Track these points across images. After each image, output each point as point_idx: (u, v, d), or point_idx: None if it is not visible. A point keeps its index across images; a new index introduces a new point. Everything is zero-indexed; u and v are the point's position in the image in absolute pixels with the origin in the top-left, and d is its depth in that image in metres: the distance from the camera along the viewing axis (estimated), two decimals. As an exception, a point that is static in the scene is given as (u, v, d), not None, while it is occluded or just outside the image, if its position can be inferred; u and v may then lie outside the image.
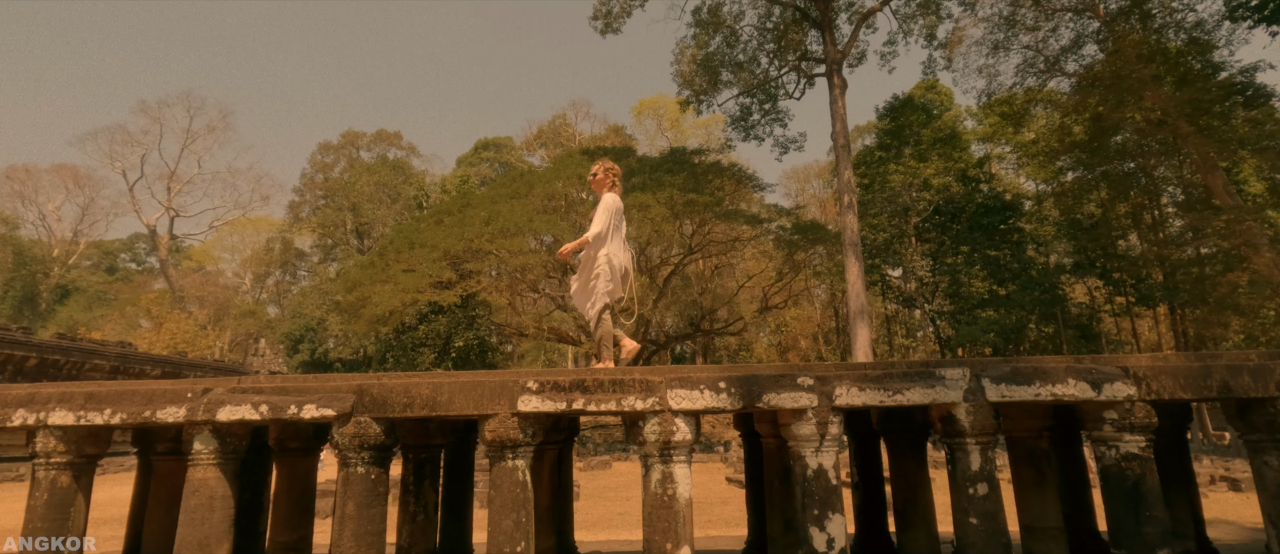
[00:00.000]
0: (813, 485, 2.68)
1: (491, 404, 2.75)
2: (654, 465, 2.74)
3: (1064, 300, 27.98)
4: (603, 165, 4.22)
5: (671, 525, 2.65)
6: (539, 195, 24.77)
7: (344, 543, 2.68)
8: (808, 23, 25.10)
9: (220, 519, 2.74)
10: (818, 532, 2.62)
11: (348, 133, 48.61)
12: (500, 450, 2.76)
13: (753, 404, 2.72)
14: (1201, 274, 21.32)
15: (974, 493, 2.65)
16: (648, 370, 2.83)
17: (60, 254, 40.63)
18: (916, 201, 29.40)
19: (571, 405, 2.74)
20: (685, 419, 2.73)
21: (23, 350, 18.51)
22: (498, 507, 2.72)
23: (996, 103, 26.30)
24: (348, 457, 2.77)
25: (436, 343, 27.95)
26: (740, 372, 2.79)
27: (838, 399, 2.71)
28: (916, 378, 2.73)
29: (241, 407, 2.74)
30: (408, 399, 2.77)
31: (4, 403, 2.78)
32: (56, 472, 2.77)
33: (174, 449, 3.46)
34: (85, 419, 2.74)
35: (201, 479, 2.75)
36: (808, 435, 2.70)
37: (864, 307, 21.01)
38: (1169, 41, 20.07)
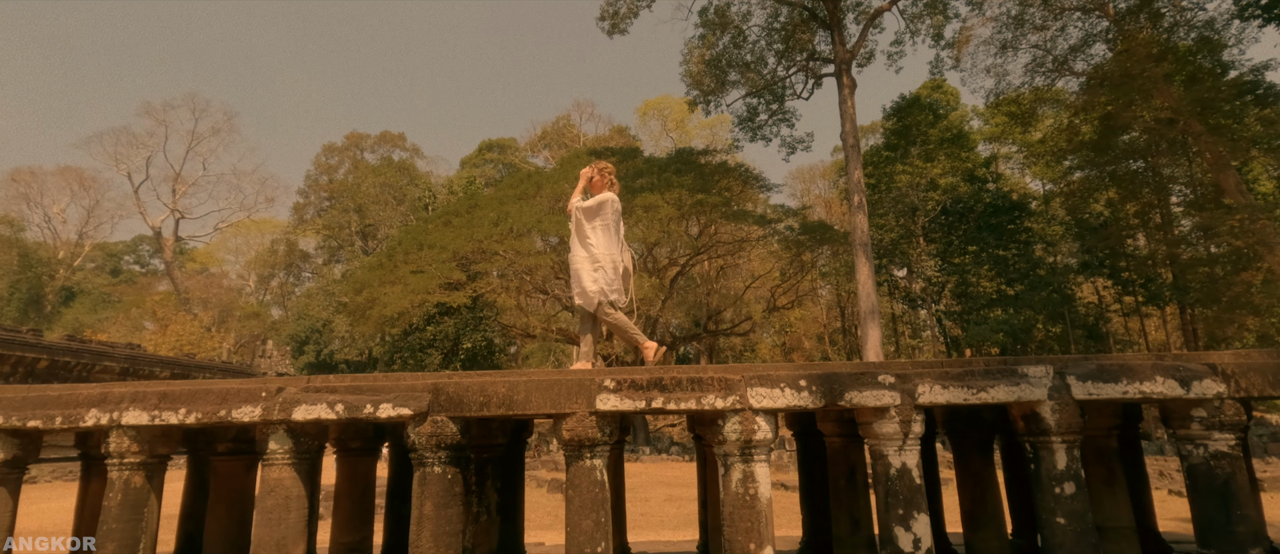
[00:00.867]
0: (897, 485, 2.65)
1: (569, 403, 2.72)
2: (733, 465, 2.71)
3: (1073, 300, 27.96)
4: (595, 166, 4.14)
5: (754, 525, 2.62)
6: (547, 196, 24.76)
7: (422, 543, 2.65)
8: (815, 22, 25.09)
9: (296, 519, 2.71)
10: (903, 532, 2.59)
11: (352, 134, 48.65)
12: (578, 449, 2.73)
13: (834, 402, 2.69)
14: (1212, 274, 21.29)
15: (1060, 492, 2.62)
16: (726, 368, 2.80)
17: (65, 256, 40.62)
18: (924, 201, 29.38)
19: (650, 404, 2.72)
20: (766, 417, 2.70)
21: (34, 352, 18.49)
22: (577, 507, 2.69)
23: (1004, 102, 26.30)
24: (424, 456, 2.74)
25: (444, 344, 27.92)
26: (819, 369, 2.77)
27: (920, 397, 2.68)
28: (999, 375, 2.70)
29: (317, 406, 2.72)
30: (484, 398, 2.74)
31: (76, 403, 2.75)
32: (130, 472, 2.73)
33: (235, 449, 3.43)
34: (160, 419, 2.71)
35: (277, 479, 2.73)
36: (890, 434, 2.68)
37: (875, 307, 20.98)
38: (1179, 40, 20.06)
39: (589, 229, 3.94)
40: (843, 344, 40.11)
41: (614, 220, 4.05)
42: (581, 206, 3.96)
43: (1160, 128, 21.59)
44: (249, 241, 49.70)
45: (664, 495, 12.09)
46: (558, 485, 13.06)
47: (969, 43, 24.94)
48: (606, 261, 3.88)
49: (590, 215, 3.95)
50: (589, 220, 3.95)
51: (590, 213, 3.95)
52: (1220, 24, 20.27)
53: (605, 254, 3.91)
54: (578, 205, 3.98)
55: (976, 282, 28.56)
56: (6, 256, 36.53)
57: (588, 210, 3.95)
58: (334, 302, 38.45)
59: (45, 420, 2.71)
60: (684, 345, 36.59)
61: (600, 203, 4.00)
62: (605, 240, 3.95)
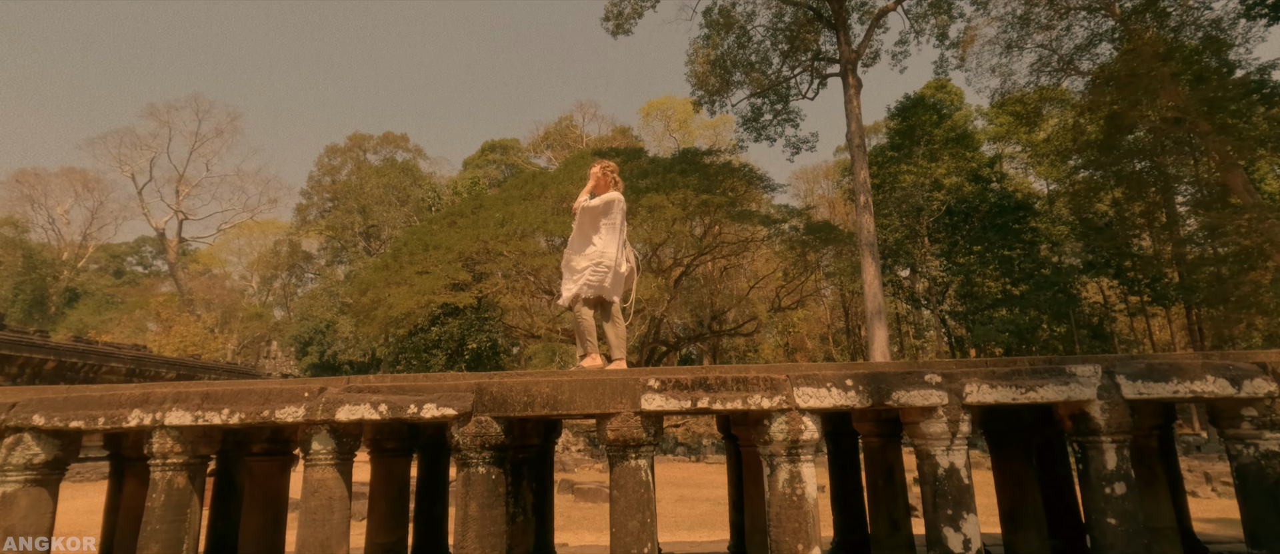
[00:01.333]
0: (945, 485, 2.63)
1: (614, 403, 2.71)
2: (780, 465, 2.69)
3: (1078, 300, 27.92)
4: (600, 165, 4.13)
5: (802, 526, 2.60)
6: (552, 196, 24.76)
7: (468, 544, 2.64)
8: (820, 22, 25.06)
9: (339, 520, 2.69)
10: (953, 532, 2.58)
11: (354, 135, 48.65)
12: (623, 450, 2.72)
13: (881, 402, 2.68)
14: (1219, 273, 21.25)
15: (1110, 492, 2.60)
16: (770, 368, 2.79)
17: (69, 257, 40.64)
18: (929, 201, 29.36)
19: (695, 404, 2.70)
20: (812, 417, 2.69)
21: (41, 353, 18.49)
22: (622, 507, 2.68)
23: (1009, 102, 26.28)
24: (468, 457, 2.73)
25: (449, 345, 27.91)
26: (865, 368, 2.75)
27: (968, 396, 2.66)
28: (1047, 375, 2.68)
29: (360, 406, 2.70)
30: (528, 398, 2.73)
31: (119, 403, 2.74)
32: (173, 472, 2.72)
33: (270, 450, 3.42)
34: (203, 419, 2.70)
35: (320, 480, 2.71)
36: (938, 434, 2.66)
37: (881, 307, 20.96)
38: (1186, 40, 20.03)
39: (592, 228, 3.92)
40: (846, 344, 40.07)
41: (619, 221, 4.02)
42: (587, 205, 3.94)
43: (1166, 127, 21.57)
44: (252, 243, 49.73)
45: (674, 496, 12.07)
46: (567, 486, 13.03)
47: (974, 42, 24.91)
48: (606, 261, 3.86)
49: (596, 215, 3.94)
50: (594, 220, 3.93)
51: (596, 212, 3.93)
52: (1226, 23, 20.25)
53: (605, 253, 3.89)
54: (584, 204, 3.95)
55: (982, 282, 28.53)
56: (11, 258, 36.56)
57: (593, 209, 3.93)
58: (338, 302, 38.46)
59: (88, 421, 2.70)
60: (687, 346, 36.57)
61: (608, 202, 3.98)
62: (608, 240, 3.93)
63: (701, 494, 12.35)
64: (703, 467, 19.00)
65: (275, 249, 48.16)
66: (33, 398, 2.76)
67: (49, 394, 2.78)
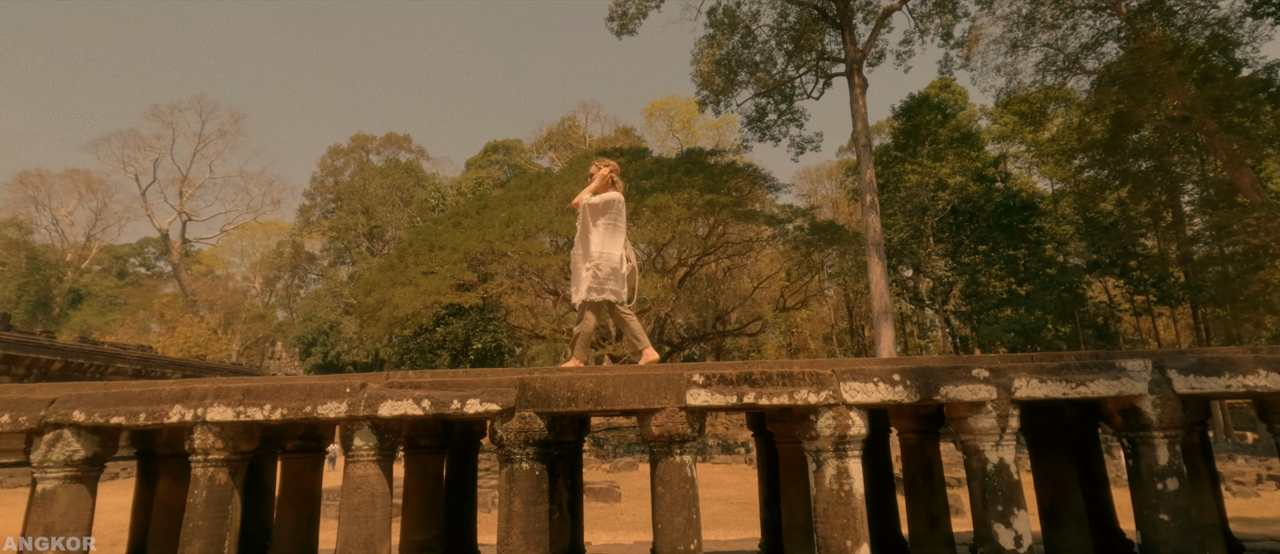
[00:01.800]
0: (994, 481, 2.61)
1: (658, 398, 2.68)
2: (827, 461, 2.66)
3: (1084, 300, 27.88)
4: (603, 164, 4.14)
5: (850, 522, 2.58)
6: (556, 197, 24.76)
7: (512, 541, 2.61)
8: (825, 22, 25.04)
9: (382, 516, 2.67)
10: (1003, 529, 2.55)
11: (357, 136, 48.67)
12: (667, 445, 2.69)
13: (929, 397, 2.65)
14: (1227, 273, 21.21)
15: (1163, 489, 2.57)
16: (817, 362, 2.76)
17: (73, 259, 40.66)
18: (934, 201, 29.32)
19: (741, 399, 2.68)
20: (859, 413, 2.66)
21: (48, 354, 18.49)
22: (667, 504, 2.65)
23: (1013, 101, 26.24)
24: (512, 453, 2.70)
25: (454, 345, 27.89)
26: (913, 363, 2.72)
27: (1017, 391, 2.64)
28: (1097, 369, 2.66)
29: (403, 402, 2.68)
30: (572, 393, 2.70)
31: (159, 399, 2.72)
32: (214, 468, 2.70)
33: (303, 447, 3.39)
34: (245, 415, 2.68)
35: (362, 476, 2.69)
36: (986, 429, 2.63)
37: (888, 306, 20.92)
38: (1193, 38, 20.00)
39: (593, 227, 3.93)
40: (850, 344, 40.01)
41: (619, 220, 4.02)
42: (589, 202, 3.94)
43: (1173, 126, 21.53)
44: (255, 244, 49.75)
45: (686, 496, 12.03)
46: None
47: (979, 42, 24.88)
48: (606, 261, 3.86)
49: (596, 213, 3.93)
50: (594, 219, 3.93)
51: (597, 211, 3.93)
52: (1233, 21, 20.22)
53: (604, 254, 3.89)
54: (586, 201, 3.95)
55: (987, 281, 28.49)
56: (15, 259, 36.57)
57: (594, 207, 3.93)
58: (341, 303, 38.45)
59: (129, 417, 2.68)
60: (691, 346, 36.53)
61: (608, 202, 3.99)
62: (608, 240, 3.93)
63: (711, 494, 12.32)
64: (709, 467, 18.96)
65: (278, 250, 48.18)
66: (72, 394, 2.74)
67: (88, 391, 2.76)
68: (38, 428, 2.67)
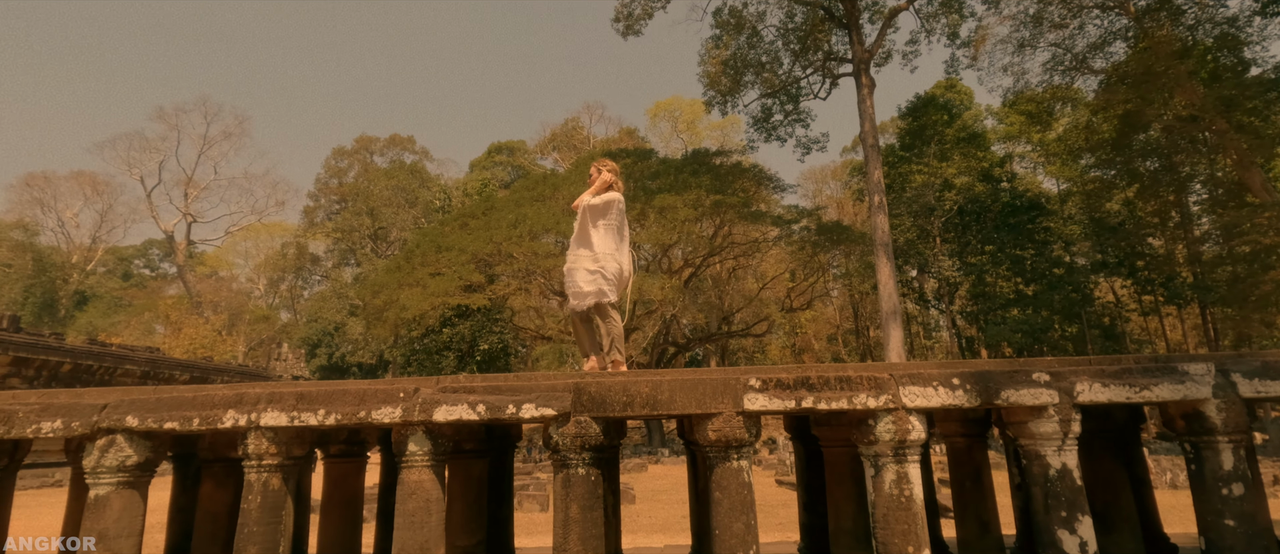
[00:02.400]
0: (1057, 486, 2.58)
1: (714, 403, 2.66)
2: (886, 466, 2.64)
3: (1092, 300, 27.83)
4: (601, 165, 4.11)
5: (911, 527, 2.55)
6: (563, 198, 24.78)
7: (570, 546, 2.59)
8: (832, 22, 25.01)
9: (437, 522, 2.65)
10: (1068, 535, 2.52)
11: (361, 138, 48.69)
12: (724, 450, 2.67)
13: (990, 401, 2.62)
14: (1237, 273, 21.15)
15: (1228, 494, 2.55)
16: (872, 367, 2.74)
17: (78, 260, 40.72)
18: (941, 201, 29.28)
19: (799, 403, 2.65)
20: (919, 417, 2.64)
21: (57, 356, 18.50)
22: (725, 510, 2.63)
23: (1020, 101, 26.20)
24: (568, 458, 2.68)
25: (460, 346, 27.89)
26: (972, 367, 2.70)
27: (1079, 395, 2.61)
28: (1160, 373, 2.63)
29: (458, 406, 2.66)
30: (627, 398, 2.68)
31: (212, 404, 2.70)
32: (268, 473, 2.68)
33: (346, 451, 3.38)
34: (299, 420, 2.66)
35: (417, 481, 2.67)
36: (1048, 433, 2.61)
37: (897, 307, 20.89)
38: (1203, 37, 19.95)
39: (593, 228, 3.88)
40: (855, 345, 39.96)
41: (618, 222, 3.97)
42: (589, 203, 3.90)
43: (1181, 125, 21.48)
44: (258, 245, 49.79)
45: (699, 497, 12.01)
46: (590, 488, 12.98)
47: (986, 42, 24.84)
48: (608, 263, 3.82)
49: (597, 214, 3.89)
50: (595, 220, 3.88)
51: (597, 212, 3.90)
52: (1242, 20, 20.17)
53: (607, 255, 3.84)
54: (586, 203, 3.90)
55: (994, 282, 28.43)
56: (21, 261, 36.64)
57: (594, 208, 3.90)
58: (347, 304, 38.47)
59: (182, 422, 2.66)
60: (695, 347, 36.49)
61: (608, 203, 3.95)
62: (607, 241, 3.89)
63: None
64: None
65: (282, 251, 48.23)
66: (124, 399, 2.72)
67: (141, 395, 2.74)
68: (90, 433, 2.65)
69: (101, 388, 2.91)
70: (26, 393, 2.85)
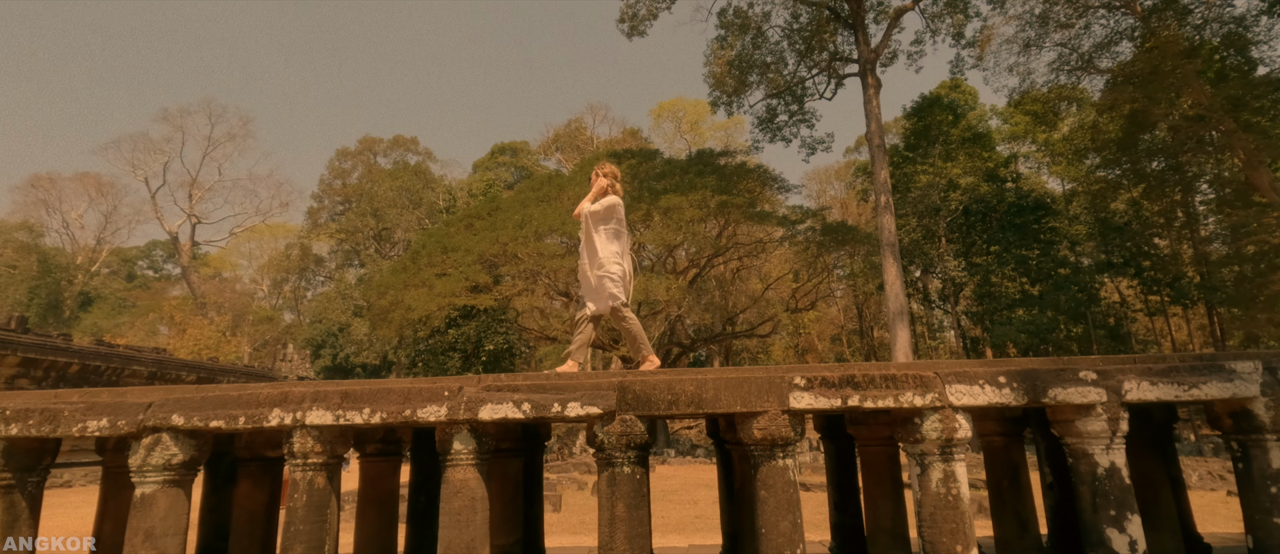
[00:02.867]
0: (1106, 485, 2.57)
1: (760, 401, 2.65)
2: (933, 464, 2.63)
3: (1098, 300, 27.78)
4: (599, 169, 4.16)
5: (958, 526, 2.55)
6: (568, 198, 24.80)
7: (616, 545, 2.59)
8: (838, 22, 24.99)
9: (482, 521, 2.65)
10: (1117, 534, 2.52)
11: (365, 138, 48.77)
12: (769, 449, 2.66)
13: (1037, 399, 2.62)
14: (1244, 273, 21.11)
15: (1277, 491, 2.54)
16: (917, 365, 2.73)
17: (83, 261, 40.79)
18: (946, 201, 29.26)
19: (845, 402, 2.65)
20: (965, 415, 2.63)
21: (65, 357, 18.53)
22: (771, 508, 2.62)
23: (1026, 101, 26.16)
24: (613, 456, 2.68)
25: (465, 347, 27.90)
26: (1019, 366, 2.69)
27: (1127, 394, 2.60)
28: (1207, 371, 2.62)
29: (503, 405, 2.66)
30: (672, 397, 2.68)
31: (258, 403, 2.70)
32: (313, 472, 2.68)
33: (383, 450, 3.38)
34: (344, 418, 2.66)
35: (462, 480, 2.66)
36: (1096, 432, 2.60)
37: (904, 307, 20.86)
38: (1211, 36, 19.91)
39: (595, 234, 3.94)
40: (859, 345, 39.91)
41: (619, 225, 4.04)
42: (590, 211, 3.96)
43: (1188, 125, 21.45)
44: (262, 246, 49.86)
45: (710, 498, 11.99)
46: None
47: (991, 41, 24.80)
48: (613, 266, 3.88)
49: (598, 220, 3.95)
50: (597, 225, 3.94)
51: (598, 218, 3.95)
52: (1249, 20, 20.13)
53: (612, 259, 3.90)
54: (587, 211, 3.96)
55: (999, 282, 28.38)
56: (26, 262, 36.72)
57: (595, 214, 3.95)
58: (351, 305, 38.49)
59: (227, 421, 2.66)
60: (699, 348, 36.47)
61: (609, 208, 4.00)
62: (609, 245, 3.95)
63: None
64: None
65: (286, 252, 48.28)
66: (169, 398, 2.72)
67: (186, 394, 2.74)
68: (136, 432, 2.65)
69: (141, 387, 2.92)
70: (69, 392, 2.85)
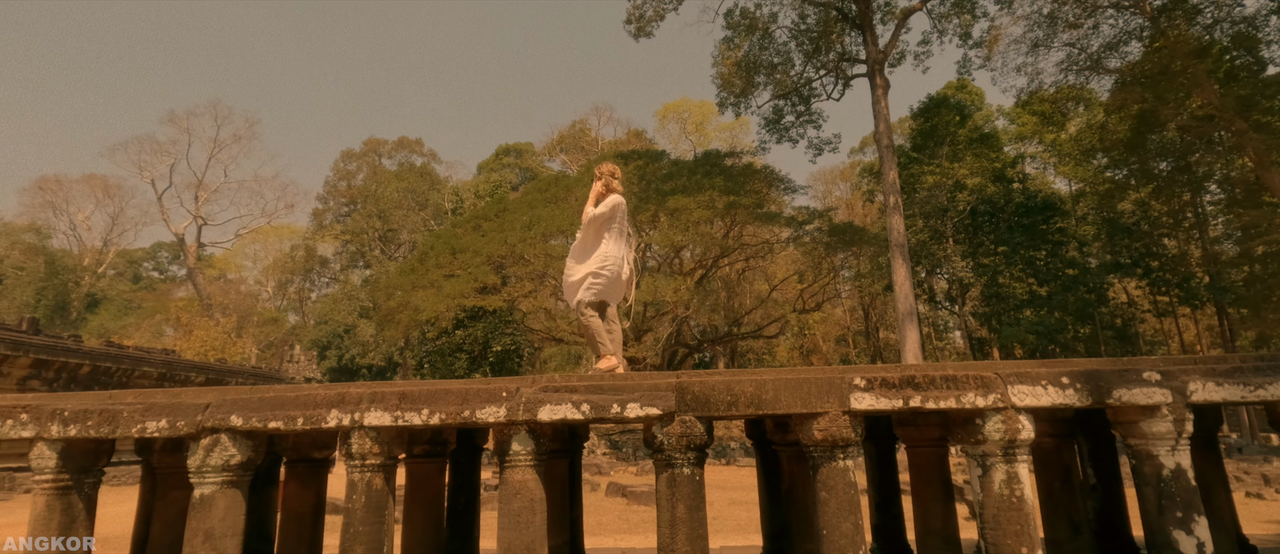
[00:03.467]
0: (1172, 486, 2.56)
1: (820, 402, 2.64)
2: (995, 465, 2.62)
3: (1107, 301, 27.70)
4: (598, 171, 4.20)
5: (1023, 528, 2.53)
6: (575, 199, 24.82)
7: (677, 546, 2.57)
8: (845, 23, 24.98)
9: (541, 522, 2.64)
10: (1184, 536, 2.50)
11: (370, 140, 48.85)
12: (830, 450, 2.65)
13: (1101, 400, 2.60)
14: (1254, 273, 21.03)
15: (1346, 492, 2.51)
16: (978, 365, 2.72)
17: (90, 263, 40.90)
18: (953, 202, 29.20)
19: (906, 402, 2.63)
20: (1027, 416, 2.62)
21: (76, 358, 18.56)
22: (832, 510, 2.61)
23: (1034, 101, 26.11)
24: (673, 458, 2.67)
25: (473, 348, 27.92)
26: (1082, 366, 2.68)
27: (1192, 395, 2.59)
28: (1272, 372, 2.60)
29: (562, 406, 2.65)
30: (731, 397, 2.67)
31: (315, 404, 2.69)
32: (371, 473, 2.67)
33: (429, 452, 3.37)
34: (402, 419, 2.65)
35: (521, 481, 2.65)
36: (1161, 433, 2.58)
37: (913, 309, 20.79)
38: (1222, 36, 19.86)
39: (598, 236, 3.98)
40: (865, 347, 39.83)
41: (620, 225, 4.07)
42: (594, 215, 3.99)
43: (1197, 125, 21.39)
44: (267, 247, 49.95)
45: (726, 500, 11.97)
46: (616, 489, 12.96)
47: (999, 42, 24.76)
48: (610, 266, 3.89)
49: (601, 223, 3.98)
50: (599, 228, 3.98)
51: (603, 220, 3.97)
52: (1259, 20, 20.07)
53: (609, 256, 3.92)
54: (591, 214, 4.00)
55: (1007, 283, 28.31)
56: (33, 264, 36.83)
57: (599, 218, 3.97)
58: (356, 306, 38.53)
59: (286, 422, 2.65)
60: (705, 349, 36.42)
61: (612, 208, 4.03)
62: (611, 244, 3.96)
63: (750, 496, 12.25)
64: (735, 469, 18.87)
65: (291, 254, 48.36)
66: (227, 399, 2.72)
67: (242, 395, 2.74)
68: (195, 432, 2.65)
69: (195, 388, 2.91)
70: (123, 393, 2.85)
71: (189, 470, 2.64)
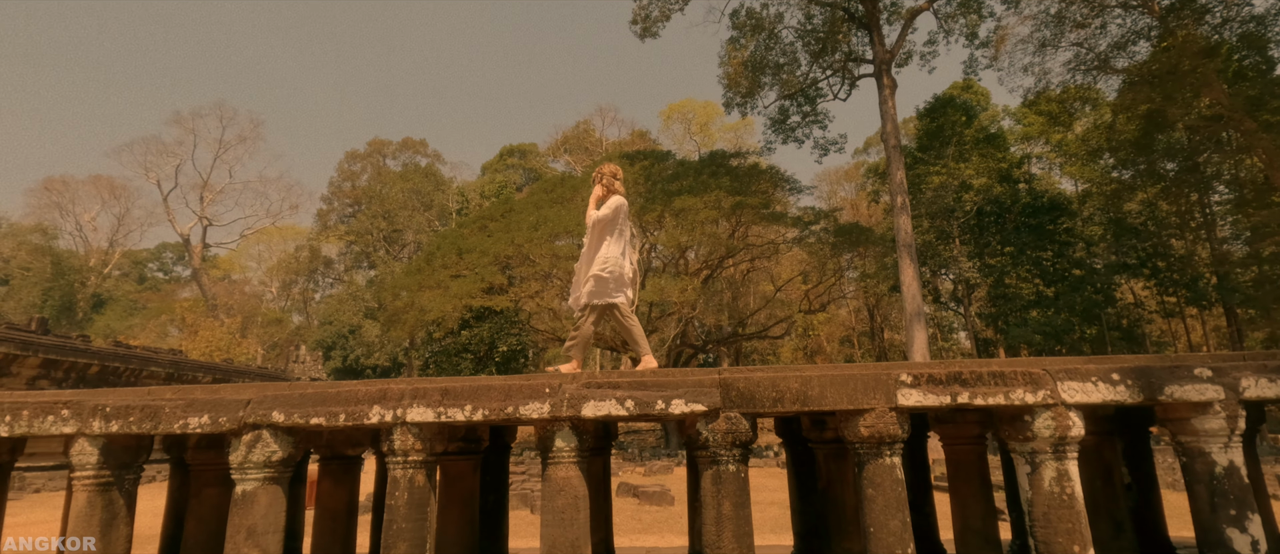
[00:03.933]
0: (1225, 484, 2.52)
1: (866, 399, 2.61)
2: (1045, 463, 2.59)
3: (1114, 301, 27.60)
4: (599, 172, 4.20)
5: (1075, 526, 2.50)
6: (581, 200, 24.78)
7: (724, 544, 2.55)
8: (852, 23, 24.92)
9: (584, 519, 2.61)
10: (1238, 533, 2.47)
11: (374, 141, 48.93)
12: (876, 447, 2.62)
13: (1152, 397, 2.57)
14: (1264, 273, 20.93)
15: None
16: (1027, 362, 2.69)
17: (96, 264, 41.01)
18: (960, 202, 29.13)
19: (954, 399, 2.61)
20: (1077, 413, 2.59)
21: (85, 358, 18.60)
22: (879, 507, 2.58)
23: (1041, 101, 26.04)
24: (718, 454, 2.64)
25: (479, 348, 27.91)
26: (1132, 363, 2.65)
27: (1245, 391, 2.56)
28: (1326, 368, 2.57)
29: (606, 402, 2.62)
30: (777, 394, 2.64)
31: (357, 400, 2.67)
32: (413, 470, 2.65)
33: (464, 449, 3.35)
34: (445, 415, 2.63)
35: (564, 478, 2.63)
36: (1214, 430, 2.55)
37: (920, 309, 20.76)
38: (1231, 35, 19.78)
39: (601, 238, 3.98)
40: (870, 347, 39.75)
41: (623, 225, 4.07)
42: (597, 217, 3.99)
43: (1206, 125, 21.30)
44: (271, 248, 50.03)
45: (737, 499, 11.90)
46: (627, 489, 12.93)
47: (1006, 42, 24.69)
48: (611, 266, 3.89)
49: (604, 225, 3.98)
50: (603, 230, 3.98)
51: (607, 222, 3.98)
52: (1268, 20, 19.99)
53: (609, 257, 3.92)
54: (594, 217, 4.00)
55: (1014, 283, 28.23)
56: (40, 264, 36.94)
57: (602, 221, 3.98)
58: (361, 307, 38.56)
59: (329, 418, 2.63)
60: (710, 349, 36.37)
61: (615, 209, 4.03)
62: (613, 245, 3.97)
63: (762, 497, 12.20)
64: (754, 469, 18.81)
65: (295, 254, 48.44)
66: (268, 395, 2.70)
67: (283, 392, 2.72)
68: (236, 429, 2.63)
69: (235, 384, 2.90)
70: (162, 389, 2.83)
71: (230, 467, 2.62)
